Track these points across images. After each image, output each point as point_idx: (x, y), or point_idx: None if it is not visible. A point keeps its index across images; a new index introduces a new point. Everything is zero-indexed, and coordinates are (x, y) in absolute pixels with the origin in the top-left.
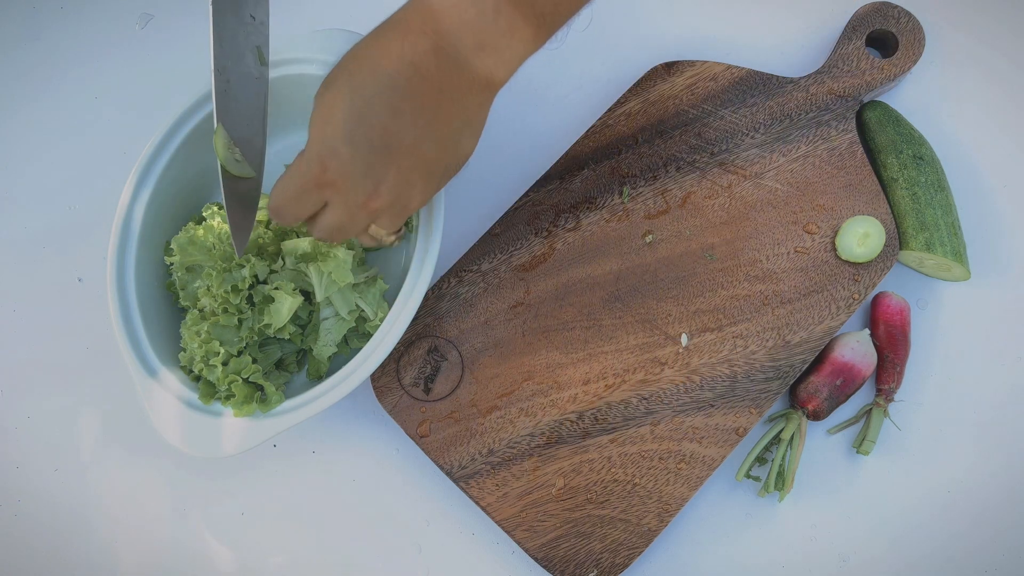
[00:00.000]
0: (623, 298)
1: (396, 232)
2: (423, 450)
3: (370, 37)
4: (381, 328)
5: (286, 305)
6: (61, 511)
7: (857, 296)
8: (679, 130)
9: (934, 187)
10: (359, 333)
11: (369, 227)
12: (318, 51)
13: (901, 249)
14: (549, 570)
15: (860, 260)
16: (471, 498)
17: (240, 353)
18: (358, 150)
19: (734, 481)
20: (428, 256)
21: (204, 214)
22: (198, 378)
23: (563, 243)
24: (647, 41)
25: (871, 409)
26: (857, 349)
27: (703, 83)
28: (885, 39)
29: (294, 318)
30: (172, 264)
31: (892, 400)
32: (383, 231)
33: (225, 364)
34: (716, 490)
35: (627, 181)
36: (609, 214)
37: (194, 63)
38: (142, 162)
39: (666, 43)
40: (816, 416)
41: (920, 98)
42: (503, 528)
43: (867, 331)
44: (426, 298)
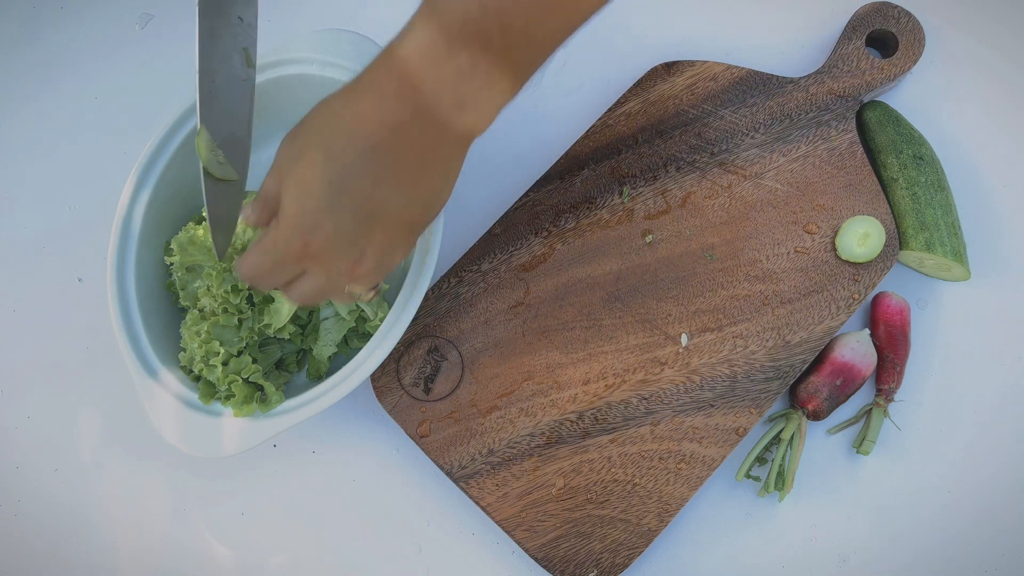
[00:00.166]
0: (623, 298)
1: (374, 288)
2: (423, 450)
3: (340, 99)
4: (381, 328)
5: (286, 305)
6: (61, 511)
7: (857, 296)
8: (679, 130)
9: (934, 187)
10: (359, 333)
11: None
12: (318, 51)
13: (901, 249)
14: (549, 570)
15: (860, 260)
16: (471, 498)
17: (240, 353)
18: (341, 222)
19: (734, 481)
20: (428, 256)
21: (204, 214)
22: (198, 378)
23: (563, 243)
24: (647, 41)
25: (871, 409)
26: (857, 349)
27: (703, 83)
28: (885, 39)
29: (294, 318)
30: (172, 264)
31: (892, 400)
32: (361, 289)
33: (225, 364)
34: (716, 490)
35: (627, 181)
36: (609, 214)
37: (194, 63)
38: (142, 162)
39: (666, 43)
40: (816, 416)
41: (920, 98)
42: (503, 528)
43: (867, 331)
44: (426, 298)
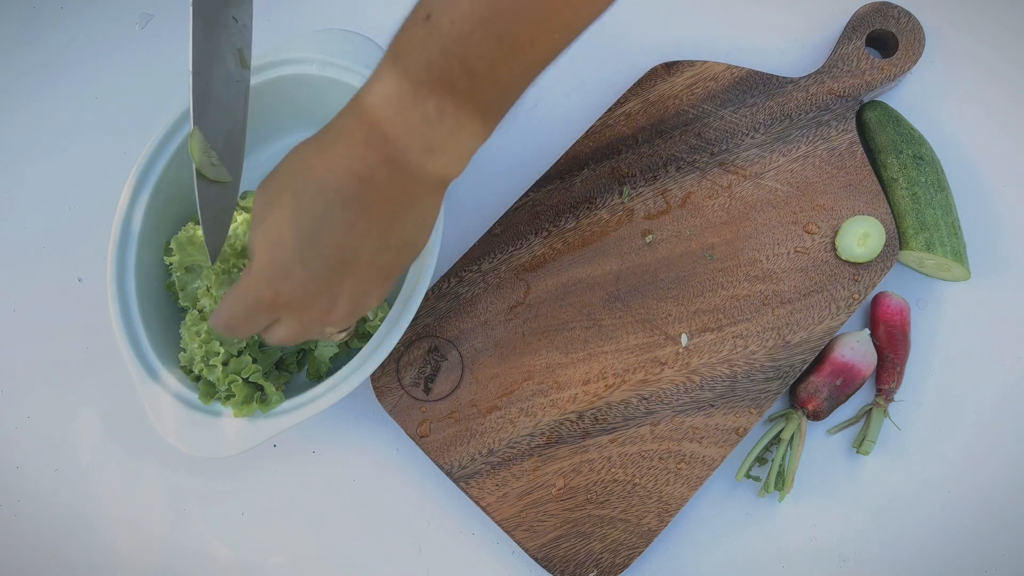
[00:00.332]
0: (623, 298)
1: (346, 330)
2: (423, 450)
3: (310, 147)
4: (381, 328)
5: None
6: (61, 511)
7: (857, 296)
8: (679, 130)
9: (934, 187)
10: (359, 333)
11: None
12: (318, 51)
13: (901, 249)
14: (549, 570)
15: (860, 260)
16: (471, 498)
17: (240, 353)
18: (312, 271)
19: (734, 481)
20: (428, 256)
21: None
22: (198, 378)
23: (563, 243)
24: (647, 41)
25: (871, 409)
26: (857, 349)
27: (703, 83)
28: (885, 39)
29: None
30: (172, 264)
31: (892, 400)
32: (334, 330)
33: (225, 364)
34: (716, 490)
35: (627, 181)
36: (609, 214)
37: (188, 64)
38: (142, 162)
39: (666, 43)
40: (816, 416)
41: (920, 98)
42: (503, 528)
43: (867, 331)
44: (426, 298)
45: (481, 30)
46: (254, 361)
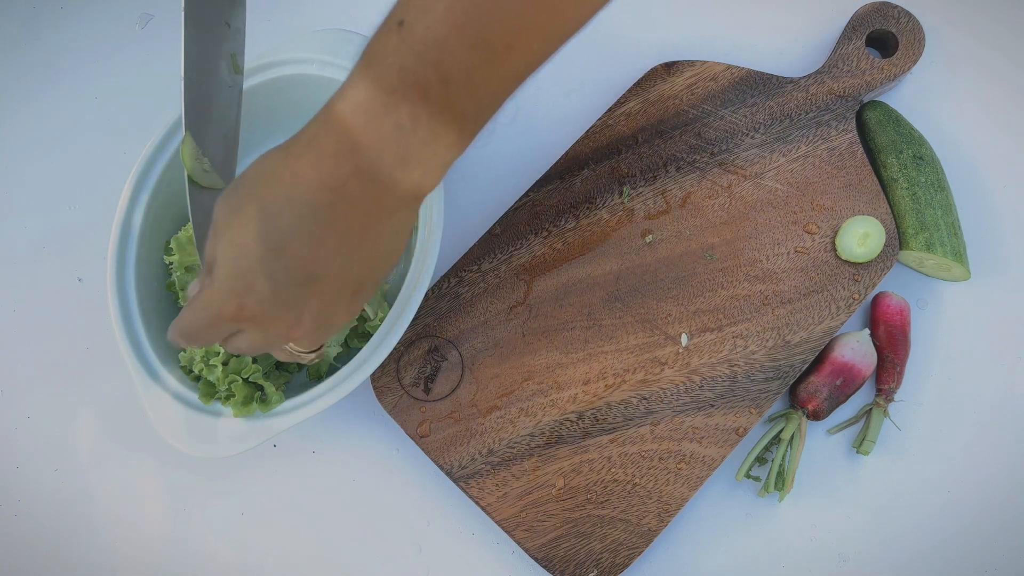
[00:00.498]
0: (623, 298)
1: (315, 350)
2: (423, 450)
3: (278, 156)
4: (381, 328)
5: None
6: (61, 511)
7: (857, 296)
8: (679, 130)
9: (934, 187)
10: (359, 333)
11: (287, 345)
12: (318, 51)
13: (901, 249)
14: (549, 570)
15: (860, 260)
16: (471, 498)
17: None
18: (278, 285)
19: (734, 481)
20: (428, 256)
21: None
22: (198, 378)
23: (563, 243)
24: (647, 41)
25: (871, 409)
26: (857, 349)
27: (703, 83)
28: (885, 39)
29: None
30: (172, 264)
31: (892, 400)
32: (301, 350)
33: (225, 364)
34: (716, 490)
35: (627, 181)
36: (609, 214)
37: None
38: (142, 162)
39: (666, 43)
40: (816, 416)
41: (920, 98)
42: (503, 528)
43: (867, 331)
44: (426, 298)
45: (456, 36)
46: (254, 361)
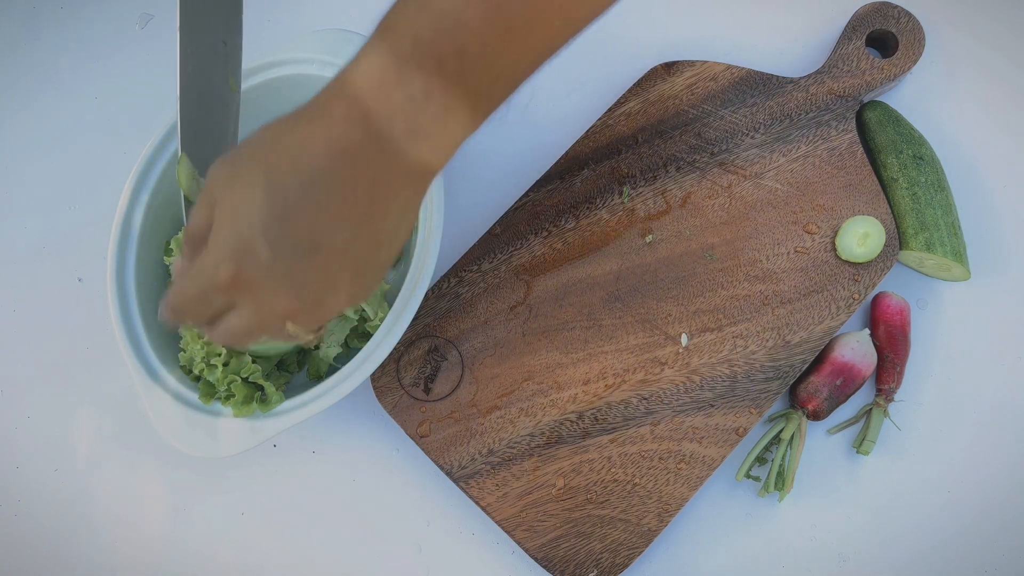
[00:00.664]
0: (623, 298)
1: (316, 331)
2: (423, 450)
3: (286, 123)
4: (381, 328)
5: None
6: (61, 511)
7: (857, 296)
8: (679, 130)
9: (934, 187)
10: (359, 333)
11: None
12: (318, 51)
13: (901, 249)
14: (549, 570)
15: (860, 260)
16: (471, 498)
17: (240, 353)
18: (280, 253)
19: (734, 481)
20: (428, 256)
21: None
22: (198, 378)
23: (563, 243)
24: (647, 41)
25: (871, 409)
26: (857, 349)
27: (703, 83)
28: (885, 39)
29: None
30: (172, 264)
31: (892, 400)
32: (300, 330)
33: (225, 364)
34: (716, 490)
35: (627, 181)
36: (609, 214)
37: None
38: (142, 162)
39: (666, 43)
40: (816, 416)
41: (920, 98)
42: (503, 528)
43: (867, 331)
44: (426, 298)
45: (475, 7)
46: (254, 361)
